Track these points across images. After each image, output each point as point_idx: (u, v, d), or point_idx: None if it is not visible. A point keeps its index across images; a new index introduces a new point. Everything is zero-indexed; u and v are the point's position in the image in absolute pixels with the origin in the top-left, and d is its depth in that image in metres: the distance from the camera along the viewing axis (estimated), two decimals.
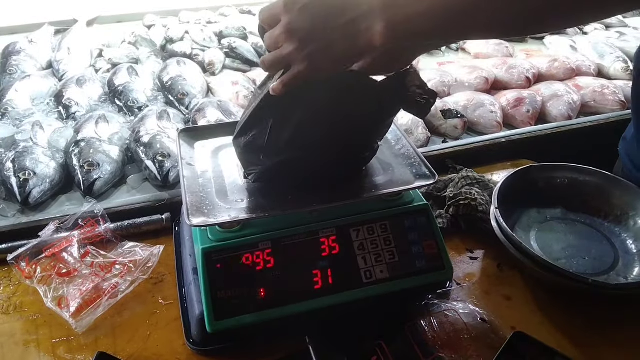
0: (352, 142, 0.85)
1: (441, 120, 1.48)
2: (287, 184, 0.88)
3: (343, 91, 0.79)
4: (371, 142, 0.90)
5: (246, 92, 1.58)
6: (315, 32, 0.70)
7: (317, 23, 0.69)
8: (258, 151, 0.82)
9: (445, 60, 1.97)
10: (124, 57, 1.85)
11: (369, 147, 0.91)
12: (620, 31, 2.18)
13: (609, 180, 1.14)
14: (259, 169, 0.86)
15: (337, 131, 0.80)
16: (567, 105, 1.56)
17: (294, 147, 0.79)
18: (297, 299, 0.85)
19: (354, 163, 0.93)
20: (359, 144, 0.88)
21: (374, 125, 0.86)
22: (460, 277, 1.05)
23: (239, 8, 2.29)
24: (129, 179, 1.25)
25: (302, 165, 0.83)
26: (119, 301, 0.96)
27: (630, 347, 0.92)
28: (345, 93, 0.79)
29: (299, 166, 0.84)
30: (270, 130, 0.79)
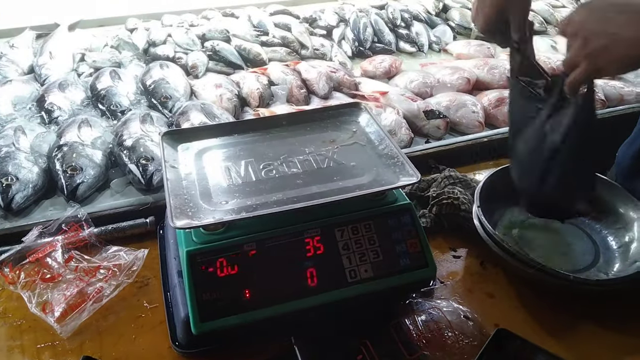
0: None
1: (424, 121, 1.50)
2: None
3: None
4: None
5: (229, 95, 1.58)
6: (597, 31, 0.76)
7: (600, 21, 0.76)
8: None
9: (428, 61, 1.99)
10: (106, 60, 1.84)
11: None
12: None
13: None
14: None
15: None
16: None
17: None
18: (282, 300, 0.85)
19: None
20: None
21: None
22: (443, 276, 1.07)
23: (222, 11, 2.28)
24: (113, 183, 1.25)
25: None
26: (104, 305, 0.96)
27: (611, 341, 0.94)
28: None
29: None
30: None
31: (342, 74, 1.77)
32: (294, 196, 0.90)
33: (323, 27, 2.17)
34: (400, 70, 1.87)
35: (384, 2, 2.35)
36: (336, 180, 0.95)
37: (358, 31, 2.10)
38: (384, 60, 1.87)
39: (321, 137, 1.06)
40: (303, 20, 2.20)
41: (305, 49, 2.00)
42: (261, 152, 1.01)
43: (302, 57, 1.98)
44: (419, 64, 1.96)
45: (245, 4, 2.34)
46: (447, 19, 2.31)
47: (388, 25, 2.16)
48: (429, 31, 2.17)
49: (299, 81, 1.71)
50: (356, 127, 1.09)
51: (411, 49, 2.08)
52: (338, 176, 0.96)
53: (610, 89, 1.70)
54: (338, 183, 0.94)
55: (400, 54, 2.07)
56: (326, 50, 1.99)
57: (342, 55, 1.97)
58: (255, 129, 1.07)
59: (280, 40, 2.03)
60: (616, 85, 1.73)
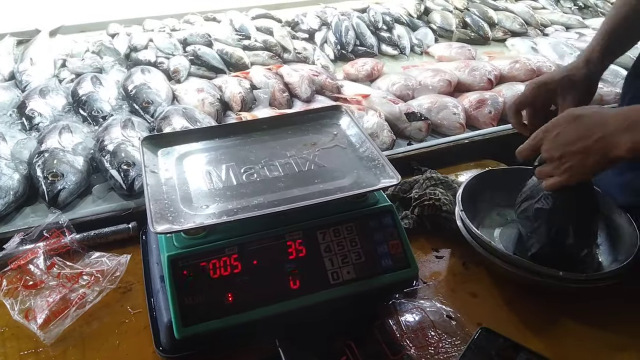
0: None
1: (405, 123, 1.51)
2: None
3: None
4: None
5: (211, 99, 1.58)
6: (570, 152, 0.88)
7: (570, 145, 0.87)
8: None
9: (410, 64, 2.01)
10: (87, 66, 1.83)
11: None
12: (580, 32, 2.25)
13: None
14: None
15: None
16: None
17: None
18: (265, 303, 0.86)
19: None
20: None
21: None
22: (426, 276, 1.07)
23: (204, 15, 2.29)
24: (94, 189, 1.24)
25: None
26: (87, 311, 0.96)
27: (593, 339, 0.95)
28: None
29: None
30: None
31: (324, 77, 1.78)
32: (275, 199, 0.90)
33: (305, 30, 2.18)
34: (383, 73, 1.89)
35: (366, 5, 2.37)
36: (317, 183, 0.95)
37: (340, 34, 2.11)
38: (366, 64, 1.89)
39: (302, 140, 1.07)
40: (285, 24, 2.22)
41: (287, 52, 2.01)
42: (242, 155, 1.01)
43: (284, 60, 1.98)
44: (401, 66, 1.98)
45: (228, 8, 2.35)
46: (429, 22, 2.33)
47: (370, 29, 2.18)
48: (410, 34, 2.19)
49: (281, 85, 1.72)
50: (337, 130, 1.10)
51: (393, 51, 2.10)
52: (319, 179, 0.96)
53: None
54: (319, 186, 0.94)
55: (382, 56, 2.09)
56: (308, 53, 2.00)
57: (324, 59, 1.98)
58: (236, 133, 1.07)
59: (262, 44, 2.04)
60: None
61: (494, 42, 2.25)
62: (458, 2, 2.45)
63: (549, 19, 2.39)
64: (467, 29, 2.27)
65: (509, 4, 2.47)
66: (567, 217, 0.99)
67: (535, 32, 2.29)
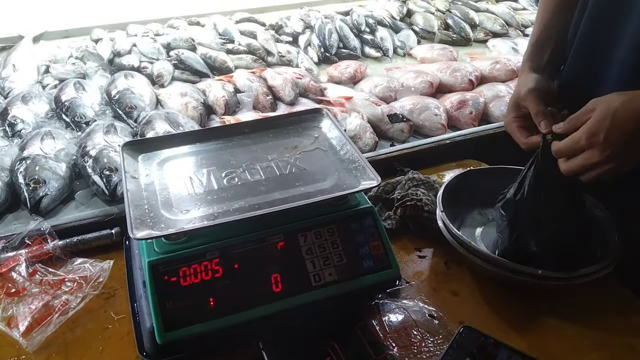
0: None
1: (388, 125, 1.52)
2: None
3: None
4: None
5: (195, 103, 1.58)
6: (622, 149, 0.86)
7: (621, 144, 0.86)
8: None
9: (393, 65, 2.02)
10: (71, 72, 1.82)
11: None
12: None
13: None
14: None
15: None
16: None
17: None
18: (247, 306, 0.86)
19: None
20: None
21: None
22: (409, 276, 1.08)
23: (188, 20, 2.28)
24: (77, 195, 1.24)
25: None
26: (70, 318, 0.96)
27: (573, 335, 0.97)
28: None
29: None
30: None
31: (307, 80, 1.78)
32: (256, 203, 0.91)
33: (289, 33, 2.19)
34: (366, 75, 1.90)
35: (349, 8, 2.38)
36: (298, 186, 0.96)
37: (323, 37, 2.12)
38: (349, 66, 1.90)
39: (284, 144, 1.07)
40: (269, 28, 2.22)
41: (271, 56, 2.02)
42: (224, 160, 1.01)
43: (268, 64, 1.99)
44: (384, 68, 1.99)
45: (212, 13, 2.35)
46: (411, 24, 2.35)
47: (353, 31, 2.19)
48: (393, 36, 2.21)
49: (265, 88, 1.72)
50: (318, 133, 1.11)
51: (376, 53, 2.11)
52: (300, 182, 0.97)
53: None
54: (300, 189, 0.95)
55: (365, 59, 2.10)
56: (292, 56, 2.01)
57: (308, 62, 1.99)
58: (218, 137, 1.07)
59: (246, 47, 2.04)
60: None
61: (476, 43, 2.26)
62: (440, 4, 2.47)
63: (529, 19, 2.41)
64: (449, 31, 2.28)
65: (490, 5, 2.48)
66: (530, 227, 1.01)
67: (516, 32, 2.31)
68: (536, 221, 1.00)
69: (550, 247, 1.01)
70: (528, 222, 1.01)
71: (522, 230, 1.02)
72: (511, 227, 1.03)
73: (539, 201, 0.99)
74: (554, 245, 1.01)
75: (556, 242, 1.01)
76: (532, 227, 1.01)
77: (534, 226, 1.01)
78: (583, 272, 0.97)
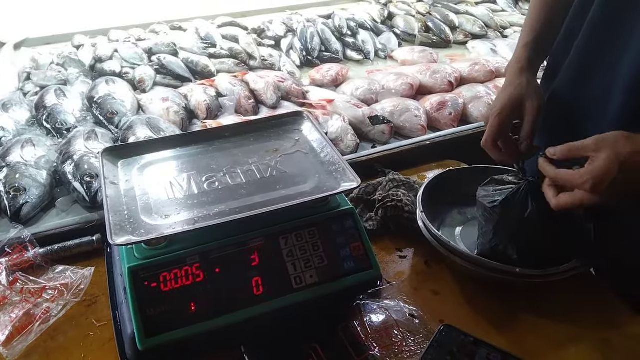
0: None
1: (369, 127, 1.53)
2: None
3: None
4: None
5: (177, 108, 1.58)
6: (613, 199, 0.85)
7: (621, 191, 0.83)
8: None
9: (374, 68, 2.04)
10: (52, 79, 1.82)
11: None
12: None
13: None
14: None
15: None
16: (487, 106, 1.64)
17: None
18: (229, 310, 0.86)
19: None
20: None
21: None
22: (391, 276, 1.09)
23: (170, 24, 2.29)
24: (58, 202, 1.24)
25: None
26: (52, 326, 0.96)
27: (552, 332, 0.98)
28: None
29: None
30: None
31: (290, 83, 1.79)
32: (236, 207, 0.91)
33: (271, 37, 2.19)
34: (348, 77, 1.92)
35: (331, 11, 2.40)
36: (279, 189, 0.96)
37: (305, 41, 2.13)
38: (330, 69, 1.91)
39: (264, 147, 1.08)
40: (251, 32, 2.23)
41: (253, 59, 2.02)
42: (204, 164, 1.02)
43: (250, 67, 2.00)
44: (365, 71, 2.01)
45: (194, 17, 2.35)
46: (392, 27, 2.37)
47: (335, 34, 2.20)
48: (374, 39, 2.22)
49: (247, 92, 1.73)
50: (299, 136, 1.11)
51: (358, 56, 2.13)
52: (281, 185, 0.97)
53: None
54: (281, 192, 0.95)
55: (347, 62, 2.12)
56: (275, 60, 2.02)
57: (290, 65, 2.00)
58: (198, 141, 1.07)
59: (228, 51, 2.05)
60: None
61: (456, 45, 2.29)
62: (421, 6, 2.50)
63: (508, 21, 2.44)
64: (429, 33, 2.31)
65: (469, 7, 2.51)
66: (510, 234, 1.02)
67: (495, 34, 2.34)
68: (520, 226, 1.01)
69: (534, 250, 1.02)
70: (513, 229, 1.02)
71: (506, 235, 1.03)
72: (495, 232, 1.03)
73: (530, 212, 1.00)
74: (538, 248, 1.02)
75: (539, 245, 1.02)
76: (519, 230, 1.02)
77: (520, 230, 1.01)
78: (559, 269, 0.98)
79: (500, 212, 1.01)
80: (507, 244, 1.02)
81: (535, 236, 1.01)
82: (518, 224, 1.00)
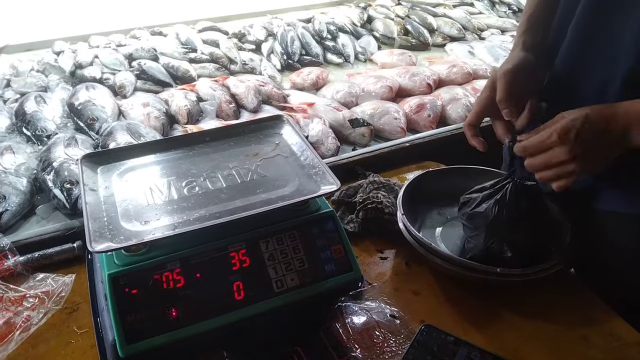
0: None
1: (349, 130, 1.55)
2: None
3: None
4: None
5: (157, 113, 1.58)
6: (590, 150, 0.87)
7: (591, 144, 0.87)
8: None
9: (354, 71, 2.05)
10: (32, 85, 1.81)
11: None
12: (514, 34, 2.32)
13: (496, 176, 1.22)
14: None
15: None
16: (465, 108, 1.66)
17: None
18: (210, 315, 0.86)
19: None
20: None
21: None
22: (372, 277, 1.10)
23: (150, 30, 2.28)
24: (38, 210, 1.23)
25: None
26: (32, 334, 0.95)
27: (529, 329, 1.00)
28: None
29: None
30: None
31: (270, 87, 1.80)
32: (216, 211, 0.91)
33: (252, 41, 2.20)
34: (328, 81, 1.93)
35: (311, 15, 2.41)
36: (259, 192, 0.97)
37: (286, 45, 2.14)
38: (311, 72, 1.92)
39: (245, 151, 1.08)
40: (232, 36, 2.23)
41: (234, 64, 2.03)
42: (184, 169, 1.02)
43: (231, 72, 2.00)
44: (346, 74, 2.02)
45: (174, 22, 2.35)
46: (372, 30, 2.38)
47: (315, 38, 2.21)
48: (354, 42, 2.24)
49: (227, 96, 1.73)
50: (279, 140, 1.12)
51: (338, 60, 2.14)
52: (261, 189, 0.98)
53: None
54: (261, 196, 0.96)
55: (327, 65, 2.13)
56: (255, 64, 2.02)
57: (271, 69, 2.01)
58: (178, 146, 1.08)
59: (208, 56, 2.05)
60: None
61: (434, 48, 2.31)
62: (399, 10, 2.52)
63: (485, 23, 2.48)
64: (408, 36, 2.33)
65: (447, 10, 2.54)
66: (507, 231, 1.03)
67: (472, 36, 2.37)
68: (509, 228, 1.03)
69: (521, 251, 1.04)
70: (500, 230, 1.04)
71: (495, 237, 1.04)
72: (485, 235, 1.05)
73: (513, 212, 1.03)
74: (525, 249, 1.04)
75: (527, 246, 1.04)
76: (504, 234, 1.04)
77: (506, 233, 1.04)
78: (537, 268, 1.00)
79: (490, 214, 1.04)
80: (502, 243, 1.04)
81: (526, 234, 1.03)
82: (509, 223, 1.03)
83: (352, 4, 2.61)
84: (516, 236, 1.03)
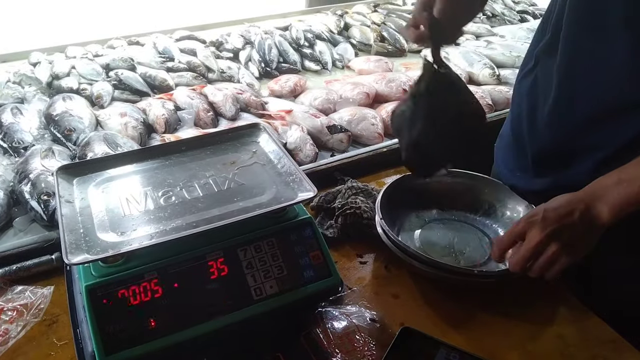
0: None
1: (328, 136, 1.56)
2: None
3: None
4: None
5: (135, 123, 1.58)
6: (565, 230, 0.91)
7: (561, 225, 0.91)
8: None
9: (332, 78, 2.06)
10: (8, 97, 1.79)
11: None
12: (489, 40, 2.37)
13: (475, 179, 1.26)
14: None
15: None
16: None
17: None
18: (190, 324, 0.87)
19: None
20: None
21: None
22: (352, 282, 1.11)
23: (128, 39, 2.27)
24: (16, 222, 1.22)
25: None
26: (11, 347, 0.95)
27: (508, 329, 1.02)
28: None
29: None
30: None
31: (248, 95, 1.80)
32: (193, 221, 0.92)
33: (229, 50, 2.20)
34: (306, 88, 1.93)
35: (288, 23, 2.42)
36: (237, 201, 0.98)
37: (264, 52, 2.15)
38: (289, 80, 1.93)
39: (222, 160, 1.09)
40: (210, 44, 2.23)
41: (212, 72, 2.03)
42: (161, 179, 1.02)
43: (209, 80, 2.00)
44: (323, 81, 2.03)
45: (151, 32, 2.34)
46: (349, 37, 2.40)
47: (292, 46, 2.22)
48: (331, 49, 2.25)
49: (205, 104, 1.73)
50: (256, 148, 1.13)
51: (316, 67, 2.15)
52: (239, 197, 0.99)
53: (497, 93, 1.84)
54: (239, 204, 0.97)
55: (305, 72, 2.14)
56: (233, 72, 2.03)
57: (249, 77, 2.01)
58: (154, 156, 1.08)
59: (186, 65, 2.04)
60: (502, 90, 1.86)
61: (410, 54, 2.33)
62: (375, 17, 2.54)
63: None
64: (384, 42, 2.34)
65: None
66: (427, 120, 1.02)
67: None
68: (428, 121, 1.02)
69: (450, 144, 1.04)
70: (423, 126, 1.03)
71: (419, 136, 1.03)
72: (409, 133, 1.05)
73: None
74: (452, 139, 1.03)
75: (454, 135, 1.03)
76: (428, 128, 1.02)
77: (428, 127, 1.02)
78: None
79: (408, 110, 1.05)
80: (427, 139, 1.03)
81: (448, 124, 1.02)
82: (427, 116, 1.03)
83: (329, 12, 2.62)
84: (438, 129, 1.02)
